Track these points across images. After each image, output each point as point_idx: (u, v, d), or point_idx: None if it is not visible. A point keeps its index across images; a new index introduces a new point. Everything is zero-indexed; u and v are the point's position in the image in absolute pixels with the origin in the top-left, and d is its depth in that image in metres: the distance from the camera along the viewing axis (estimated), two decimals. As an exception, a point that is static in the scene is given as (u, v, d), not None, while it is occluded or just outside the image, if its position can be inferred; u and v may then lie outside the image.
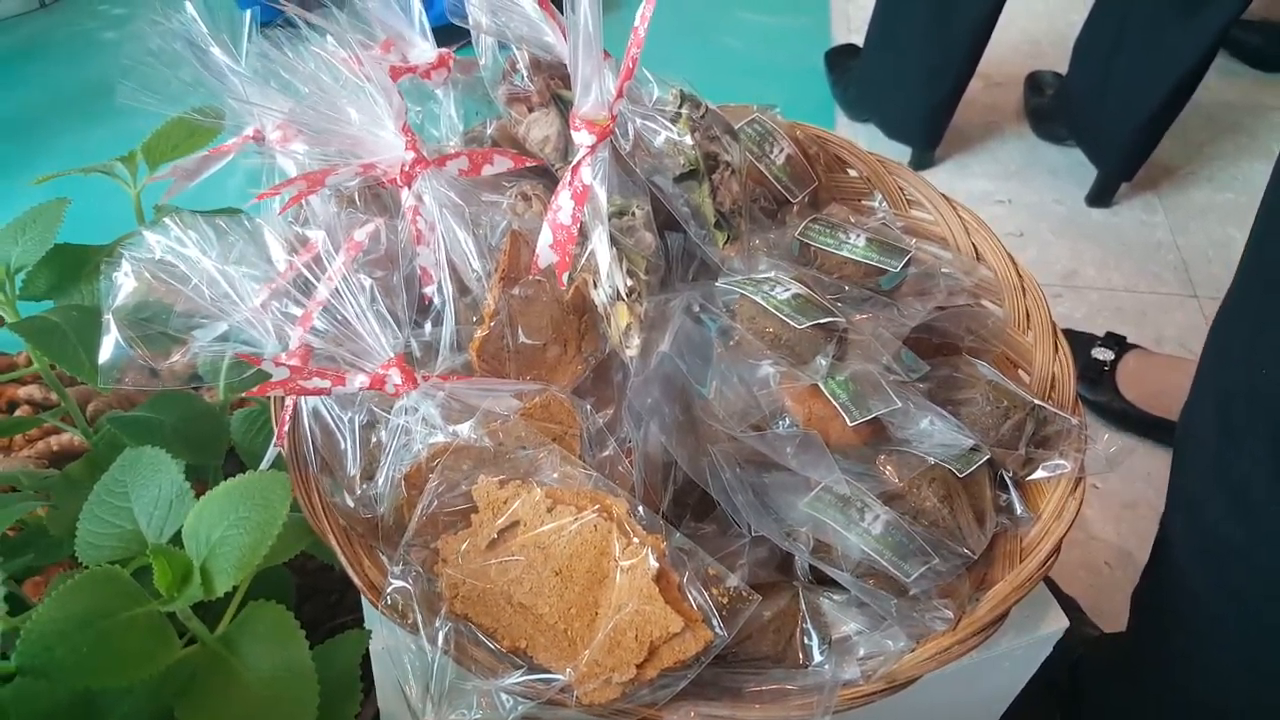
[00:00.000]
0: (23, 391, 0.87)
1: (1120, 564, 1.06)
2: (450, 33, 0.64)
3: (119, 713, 0.39)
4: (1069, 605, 0.99)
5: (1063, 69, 1.53)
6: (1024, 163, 1.55)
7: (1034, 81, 1.63)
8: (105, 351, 0.50)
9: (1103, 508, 1.12)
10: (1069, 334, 1.25)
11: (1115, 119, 1.38)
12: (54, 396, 0.95)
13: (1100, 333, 1.24)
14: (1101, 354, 1.20)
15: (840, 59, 1.64)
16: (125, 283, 0.52)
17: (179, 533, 0.43)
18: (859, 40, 1.57)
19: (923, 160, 1.52)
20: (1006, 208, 1.48)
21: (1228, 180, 1.54)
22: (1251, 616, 0.65)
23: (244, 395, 0.62)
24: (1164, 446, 1.17)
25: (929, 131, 1.47)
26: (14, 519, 0.48)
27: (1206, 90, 1.67)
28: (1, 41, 1.78)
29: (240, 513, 0.42)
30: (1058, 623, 0.58)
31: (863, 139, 1.56)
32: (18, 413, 0.97)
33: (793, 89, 1.66)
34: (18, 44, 1.78)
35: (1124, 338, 1.22)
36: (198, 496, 0.46)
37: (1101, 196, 1.47)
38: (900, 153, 1.53)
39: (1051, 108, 1.56)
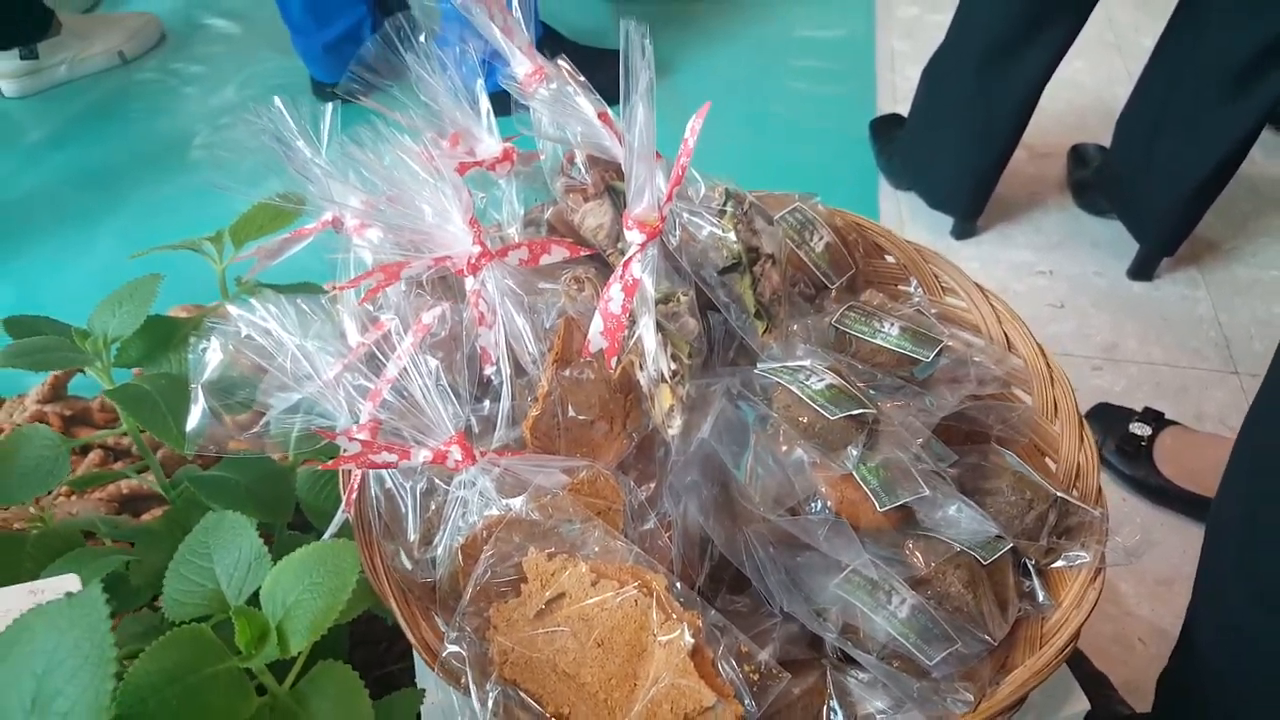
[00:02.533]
0: (95, 434, 0.93)
1: (1154, 640, 1.07)
2: (503, 98, 0.68)
3: (200, 760, 0.42)
4: (1099, 681, 0.99)
5: (1107, 142, 1.55)
6: (1066, 234, 1.57)
7: (1078, 154, 1.66)
8: (193, 420, 0.54)
9: (1138, 583, 1.13)
10: (1108, 408, 1.26)
11: (1157, 195, 1.40)
12: (125, 441, 1.02)
13: (1139, 407, 1.25)
14: (1139, 429, 1.21)
15: (885, 128, 1.68)
16: (212, 356, 0.57)
17: (257, 593, 0.47)
18: (904, 110, 1.61)
19: (965, 229, 1.54)
20: (1048, 279, 1.50)
21: (1273, 257, 1.54)
22: (1273, 707, 0.66)
23: (319, 467, 0.67)
24: (1200, 524, 1.17)
25: (971, 202, 1.50)
26: (105, 571, 0.53)
27: (1253, 165, 1.69)
28: (86, 96, 1.89)
29: (314, 578, 0.46)
30: (1079, 705, 0.60)
31: (906, 208, 1.59)
32: (90, 455, 1.03)
33: (838, 156, 1.70)
34: (100, 98, 1.89)
35: (1162, 413, 1.23)
36: (267, 546, 0.50)
37: (1143, 270, 1.48)
38: (943, 222, 1.56)
39: (1094, 181, 1.58)
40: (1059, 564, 0.57)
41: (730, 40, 2.00)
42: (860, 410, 0.55)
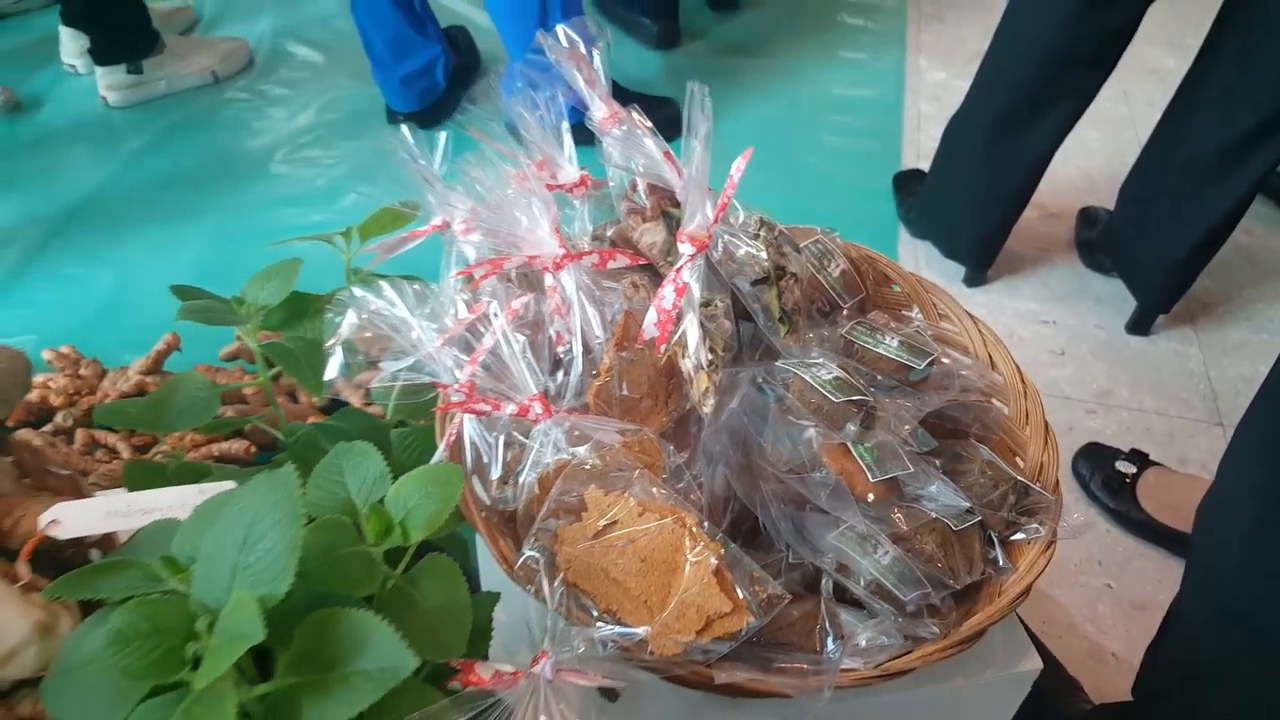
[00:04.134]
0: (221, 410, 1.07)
1: (1126, 656, 1.17)
2: (582, 131, 0.83)
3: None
4: (1072, 686, 1.10)
5: (1113, 206, 1.68)
6: (1071, 289, 1.70)
7: (1085, 216, 1.79)
8: (330, 372, 0.69)
9: (1114, 605, 1.24)
10: (1097, 446, 1.38)
11: (1153, 258, 1.53)
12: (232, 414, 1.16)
13: (1127, 449, 1.37)
14: (1124, 466, 1.33)
15: (907, 181, 1.82)
16: (346, 322, 0.71)
17: (380, 502, 0.61)
18: (926, 166, 1.76)
19: (976, 278, 1.68)
20: (1051, 327, 1.63)
21: (1263, 322, 1.66)
22: (1260, 685, 0.77)
23: (415, 421, 0.80)
24: (1175, 557, 1.28)
25: (981, 254, 1.63)
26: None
27: (1252, 237, 1.82)
28: (181, 110, 2.08)
29: (429, 488, 0.59)
30: (1034, 664, 0.72)
31: (922, 255, 1.73)
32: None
33: (862, 205, 1.84)
34: (194, 113, 2.08)
35: (1147, 454, 1.34)
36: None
37: (1140, 325, 1.60)
38: (956, 270, 1.70)
39: (1099, 241, 1.71)
40: (1018, 536, 0.69)
41: (768, 96, 2.16)
42: (859, 397, 0.68)
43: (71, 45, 2.15)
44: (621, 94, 2.13)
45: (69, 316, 1.56)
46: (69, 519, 0.62)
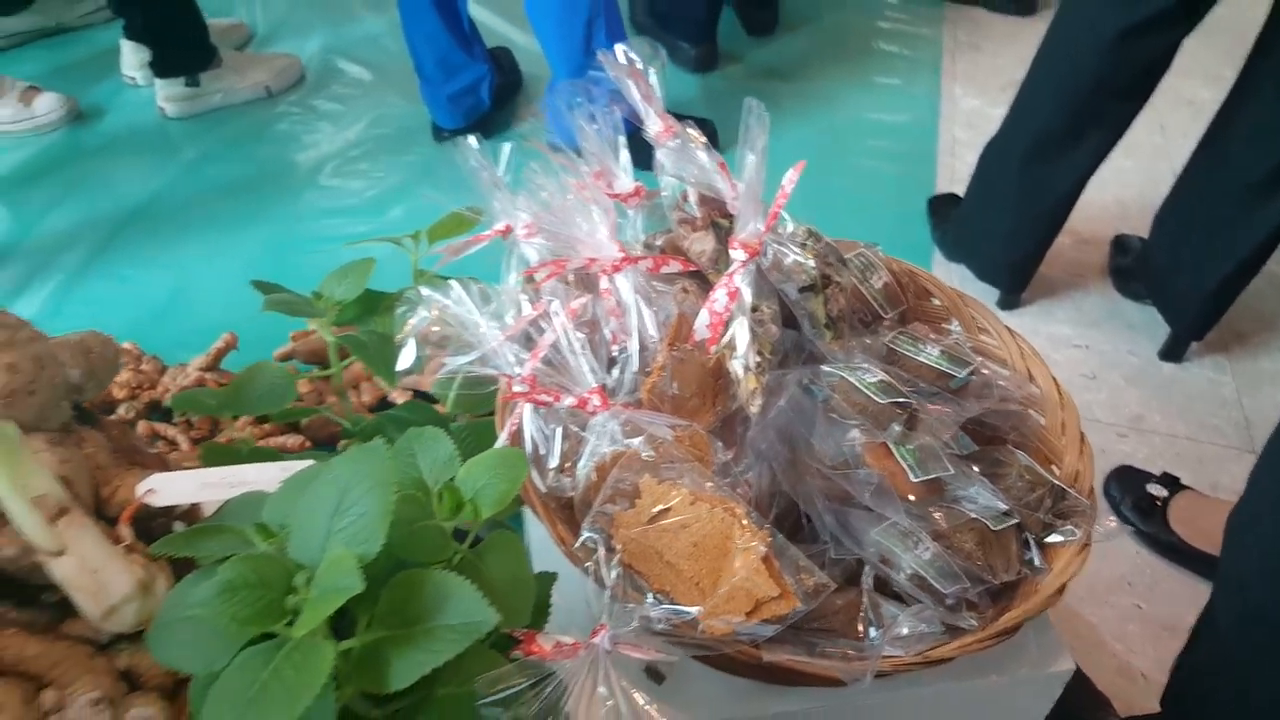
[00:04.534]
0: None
1: (1155, 676, 1.19)
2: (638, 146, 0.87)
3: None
4: (1100, 701, 1.12)
5: (1146, 234, 1.71)
6: (1104, 315, 1.72)
7: (1119, 243, 1.81)
8: (402, 363, 0.73)
9: (1144, 626, 1.25)
10: (1129, 470, 1.40)
11: (1187, 286, 1.55)
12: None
13: (1158, 472, 1.38)
14: (1156, 490, 1.34)
15: (941, 206, 1.85)
16: (417, 317, 0.75)
17: (450, 481, 0.65)
18: (960, 191, 1.79)
19: (1009, 302, 1.70)
20: (1083, 352, 1.65)
21: (1297, 353, 1.67)
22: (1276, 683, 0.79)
23: (474, 415, 0.84)
24: (1205, 580, 1.29)
25: (1014, 279, 1.66)
26: (324, 467, 0.71)
27: (1286, 267, 1.82)
28: (235, 122, 2.15)
29: (496, 470, 0.63)
30: (1066, 665, 0.74)
31: (955, 278, 1.76)
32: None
33: (896, 228, 1.88)
34: (248, 125, 2.15)
35: (1178, 478, 1.36)
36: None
37: (1173, 352, 1.62)
38: (990, 293, 1.72)
39: (1133, 268, 1.73)
40: (1054, 538, 0.72)
41: (804, 120, 2.21)
42: (902, 400, 0.71)
43: (132, 58, 2.23)
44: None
45: (128, 315, 1.62)
46: (164, 488, 0.66)
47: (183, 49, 2.07)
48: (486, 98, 2.05)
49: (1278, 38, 1.38)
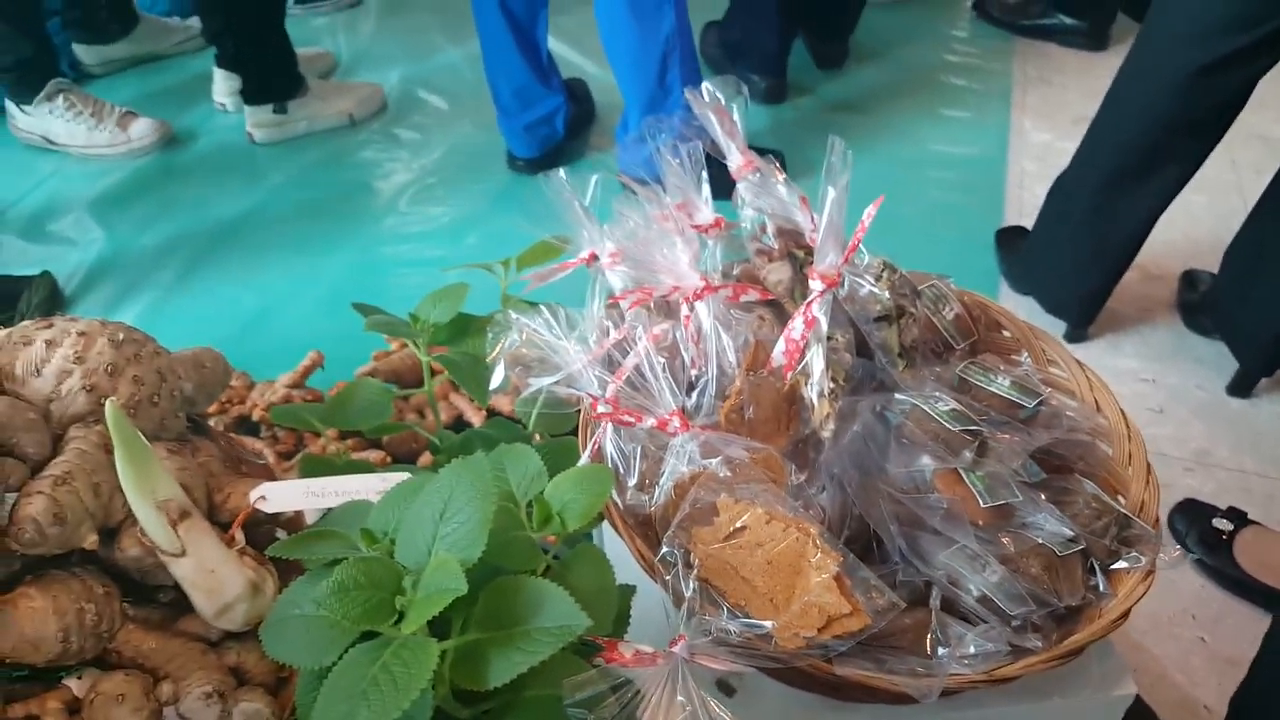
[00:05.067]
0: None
1: (1218, 708, 1.18)
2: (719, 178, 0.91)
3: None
4: (1164, 732, 1.11)
5: (1216, 270, 1.69)
6: (1172, 349, 1.71)
7: (1189, 278, 1.80)
8: (494, 381, 0.78)
9: (1209, 659, 1.24)
10: (1194, 503, 1.39)
11: (1257, 323, 1.53)
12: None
13: (1224, 507, 1.37)
14: (1221, 524, 1.34)
15: (1010, 238, 1.86)
16: (507, 339, 0.80)
17: (539, 495, 0.69)
18: (1029, 224, 1.79)
19: (1077, 335, 1.70)
20: (1150, 385, 1.64)
21: (1369, 389, 1.64)
22: None
23: (553, 435, 0.89)
24: (1270, 614, 1.27)
25: (1082, 313, 1.66)
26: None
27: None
28: (320, 148, 2.25)
29: (583, 485, 0.67)
30: (1128, 689, 0.76)
31: (1023, 310, 1.76)
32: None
33: (964, 259, 1.89)
34: (332, 151, 2.24)
35: (1245, 513, 1.35)
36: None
37: (1241, 388, 1.60)
38: (1057, 326, 1.72)
39: (1202, 304, 1.72)
40: (1119, 565, 0.73)
41: (873, 152, 2.23)
42: (975, 427, 0.74)
43: (223, 85, 2.35)
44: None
45: (217, 331, 1.70)
46: (275, 495, 0.71)
47: (272, 77, 2.18)
48: (561, 128, 2.12)
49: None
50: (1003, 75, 2.53)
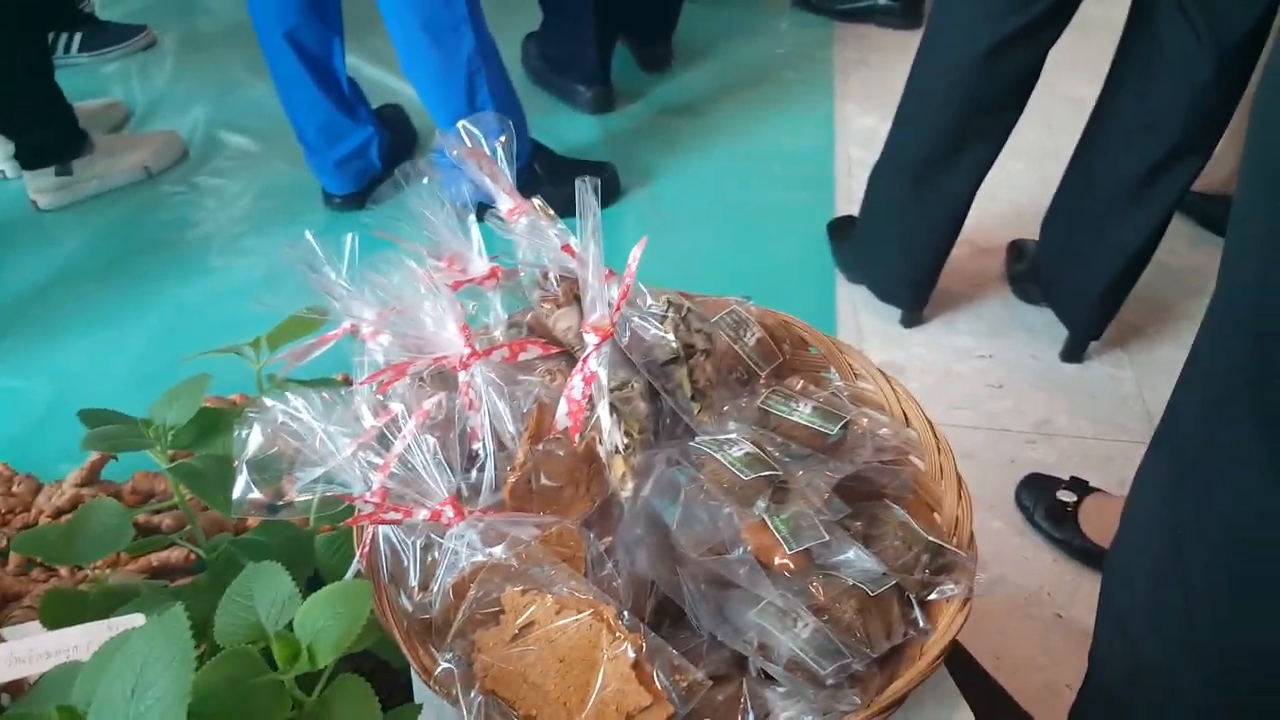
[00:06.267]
0: (155, 518, 1.07)
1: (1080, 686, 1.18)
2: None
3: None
4: (1024, 720, 1.11)
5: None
6: (1005, 323, 1.73)
7: (1016, 249, 1.84)
8: (237, 490, 0.68)
9: (1066, 635, 1.25)
10: (1038, 477, 1.40)
11: (1079, 287, 1.57)
12: (153, 520, 1.15)
13: (1068, 476, 1.39)
14: (1065, 496, 1.35)
15: (841, 228, 1.86)
16: (252, 439, 0.71)
17: (290, 624, 0.60)
18: (858, 212, 1.79)
19: (912, 319, 1.71)
20: (988, 362, 1.66)
21: (1192, 339, 1.70)
22: None
23: (339, 524, 0.80)
24: (1124, 582, 1.30)
25: (914, 296, 1.67)
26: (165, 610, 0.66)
27: (1176, 257, 1.87)
28: (115, 208, 2.07)
29: (337, 609, 0.59)
30: (966, 718, 0.72)
31: (860, 299, 1.76)
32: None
33: (800, 254, 1.88)
34: (129, 210, 2.07)
35: (1086, 482, 1.36)
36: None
37: (1073, 353, 1.64)
38: (893, 311, 1.72)
39: (1028, 273, 1.75)
40: (933, 596, 0.70)
41: (705, 152, 2.21)
42: (769, 472, 0.69)
43: (-2, 151, 2.15)
44: (559, 162, 2.15)
45: (3, 431, 1.54)
46: (-31, 670, 0.61)
47: (49, 138, 1.99)
48: (377, 160, 2.01)
49: (1137, 35, 1.41)
50: (824, 62, 2.54)
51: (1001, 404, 1.57)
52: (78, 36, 2.54)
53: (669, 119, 2.35)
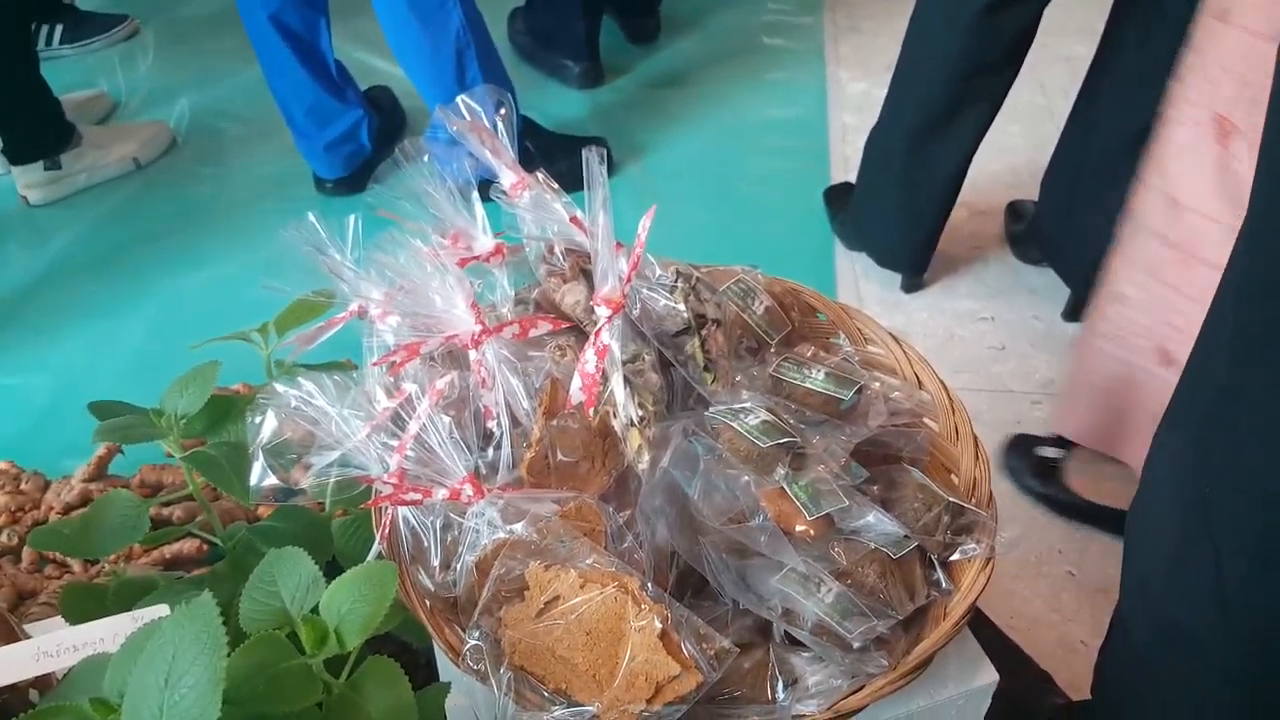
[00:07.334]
0: (165, 511, 1.06)
1: (1095, 641, 1.18)
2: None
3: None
4: (1041, 678, 1.11)
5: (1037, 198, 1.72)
6: (1006, 284, 1.73)
7: (1014, 210, 1.83)
8: (254, 477, 0.68)
9: (1078, 592, 1.25)
10: (1023, 437, 1.40)
11: (1081, 246, 1.55)
12: (165, 512, 1.14)
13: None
14: (1048, 452, 1.35)
15: (838, 196, 1.84)
16: (265, 425, 0.70)
17: (315, 608, 0.60)
18: (854, 178, 1.78)
19: (912, 284, 1.70)
20: (990, 324, 1.66)
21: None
22: (1203, 695, 0.78)
23: (356, 507, 0.80)
24: (1111, 534, 1.30)
25: (913, 262, 1.66)
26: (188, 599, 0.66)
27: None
28: (106, 200, 2.04)
29: (362, 591, 0.59)
30: (989, 677, 0.73)
31: (860, 267, 1.75)
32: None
33: (797, 223, 1.86)
34: (119, 202, 2.05)
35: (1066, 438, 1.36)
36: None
37: (1075, 312, 1.63)
38: (893, 277, 1.72)
39: (1027, 234, 1.74)
40: (955, 556, 0.70)
41: (697, 124, 2.19)
42: (786, 439, 0.69)
43: (-17, 147, 2.12)
44: (550, 138, 2.13)
45: (6, 428, 1.52)
46: (-1, 666, 0.60)
47: (34, 131, 1.96)
48: (367, 142, 1.99)
49: (1132, -8, 1.39)
50: (814, 29, 2.52)
51: (1005, 366, 1.57)
52: (59, 28, 2.50)
53: (659, 91, 2.33)
